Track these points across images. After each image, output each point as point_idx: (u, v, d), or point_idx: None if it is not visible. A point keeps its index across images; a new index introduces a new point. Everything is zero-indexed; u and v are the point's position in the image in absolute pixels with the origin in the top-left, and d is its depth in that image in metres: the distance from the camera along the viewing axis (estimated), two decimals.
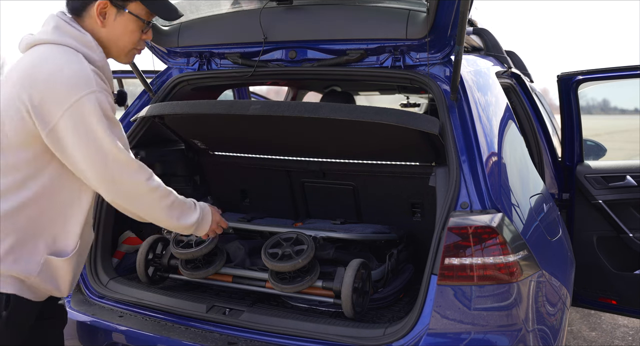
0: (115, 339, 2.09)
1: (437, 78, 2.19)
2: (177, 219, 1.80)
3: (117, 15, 1.74)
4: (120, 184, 1.65)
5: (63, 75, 1.56)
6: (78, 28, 1.69)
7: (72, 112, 1.55)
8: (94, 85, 1.58)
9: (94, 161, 1.59)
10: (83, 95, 1.56)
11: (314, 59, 2.39)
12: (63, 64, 1.59)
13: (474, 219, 1.83)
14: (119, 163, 1.63)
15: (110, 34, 1.75)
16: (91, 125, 1.57)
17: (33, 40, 1.69)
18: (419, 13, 2.21)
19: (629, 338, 3.95)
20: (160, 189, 1.73)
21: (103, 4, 1.71)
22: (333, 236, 2.37)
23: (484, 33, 3.10)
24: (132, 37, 1.78)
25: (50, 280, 1.69)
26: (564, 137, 3.27)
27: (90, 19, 1.73)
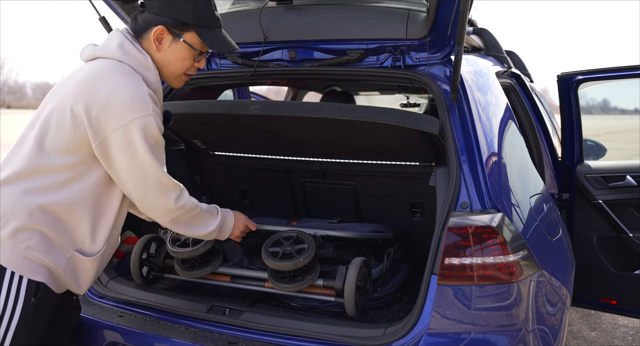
0: (115, 339, 2.09)
1: (437, 78, 2.19)
2: (197, 229, 1.94)
3: (172, 42, 1.84)
4: (151, 200, 1.79)
5: (124, 95, 1.67)
6: (140, 49, 1.81)
7: (124, 130, 1.67)
8: (149, 108, 1.70)
9: (135, 178, 1.73)
10: (138, 117, 1.67)
11: (314, 59, 2.39)
12: (125, 83, 1.69)
13: (474, 219, 1.83)
14: (156, 183, 1.76)
15: (163, 59, 1.85)
16: (139, 146, 1.69)
17: (96, 52, 1.79)
18: (419, 13, 2.22)
19: (629, 338, 3.95)
20: (185, 207, 1.84)
21: (161, 30, 1.81)
22: (332, 235, 2.37)
23: (484, 33, 3.10)
24: (183, 64, 1.89)
25: (73, 276, 1.80)
26: (564, 137, 3.27)
27: (148, 41, 1.84)
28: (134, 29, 1.86)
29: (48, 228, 1.71)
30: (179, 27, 1.82)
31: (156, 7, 1.81)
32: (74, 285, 1.83)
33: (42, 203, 1.69)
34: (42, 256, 1.70)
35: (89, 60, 1.80)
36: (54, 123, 1.71)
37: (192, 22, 1.82)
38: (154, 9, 1.82)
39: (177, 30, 1.82)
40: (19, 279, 1.68)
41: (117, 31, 1.84)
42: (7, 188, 1.70)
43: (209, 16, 1.86)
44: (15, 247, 1.67)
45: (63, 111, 1.70)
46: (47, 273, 1.72)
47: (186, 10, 1.80)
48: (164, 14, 1.81)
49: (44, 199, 1.70)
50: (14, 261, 1.67)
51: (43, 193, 1.70)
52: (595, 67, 3.16)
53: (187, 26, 1.83)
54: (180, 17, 1.81)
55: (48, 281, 1.73)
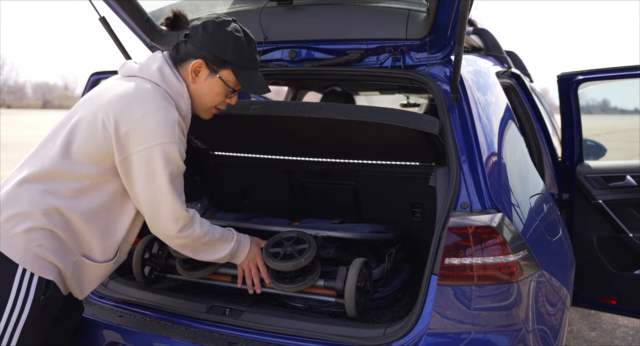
0: (115, 339, 2.09)
1: (437, 78, 2.19)
2: (205, 254, 1.98)
3: (208, 77, 1.89)
4: (159, 226, 1.83)
5: (155, 119, 1.72)
6: (178, 77, 1.87)
7: (149, 152, 1.72)
8: (175, 135, 1.75)
9: (149, 198, 1.77)
10: (164, 142, 1.72)
11: (314, 59, 2.39)
12: (158, 107, 1.74)
13: (474, 219, 1.83)
14: (167, 210, 1.79)
15: (197, 91, 1.91)
16: (159, 170, 1.73)
17: (135, 71, 1.84)
18: (419, 13, 2.22)
19: (629, 338, 3.95)
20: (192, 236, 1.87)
21: (199, 63, 1.86)
22: (333, 235, 2.37)
23: (484, 33, 3.10)
24: (215, 98, 1.94)
25: (78, 279, 1.84)
26: (564, 137, 3.27)
27: (185, 71, 1.89)
28: (174, 57, 1.91)
29: (60, 231, 1.74)
30: (217, 63, 1.87)
31: (199, 41, 1.86)
32: (76, 289, 1.86)
33: (58, 206, 1.73)
34: (52, 256, 1.73)
35: (127, 76, 1.85)
36: (82, 131, 1.75)
37: (231, 61, 1.87)
38: (197, 42, 1.87)
39: (215, 66, 1.88)
40: (30, 276, 1.70)
41: (158, 54, 1.90)
42: (26, 187, 1.74)
43: (249, 58, 1.91)
44: (29, 245, 1.70)
45: (94, 121, 1.74)
46: (57, 272, 1.76)
47: (227, 48, 1.86)
48: (205, 48, 1.86)
49: (61, 202, 1.73)
50: (26, 259, 1.70)
51: (60, 196, 1.73)
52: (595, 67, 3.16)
53: (225, 64, 1.87)
54: (220, 54, 1.86)
55: (57, 280, 1.76)
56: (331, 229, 2.42)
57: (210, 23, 1.87)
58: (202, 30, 1.87)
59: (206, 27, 1.86)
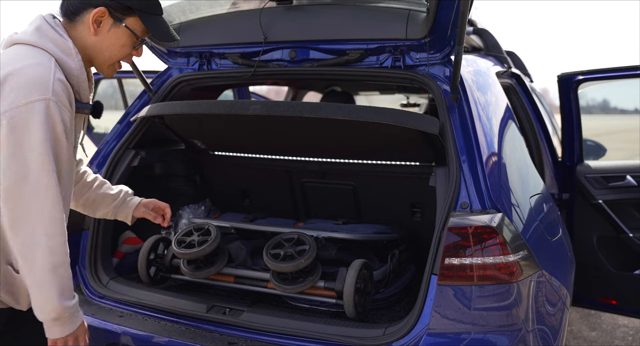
0: (115, 339, 2.09)
1: (437, 78, 2.19)
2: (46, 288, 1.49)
3: (112, 26, 1.67)
4: (21, 208, 1.45)
5: (21, 77, 1.47)
6: (61, 32, 1.62)
7: (13, 114, 1.44)
8: (49, 93, 1.47)
9: (11, 173, 1.45)
10: (33, 100, 1.45)
11: (314, 59, 2.39)
12: (28, 65, 1.50)
13: (474, 219, 1.83)
14: (36, 184, 1.45)
15: (100, 43, 1.68)
16: (27, 134, 1.44)
17: (12, 39, 1.62)
18: (419, 13, 2.22)
19: (629, 338, 3.95)
20: (56, 239, 1.48)
21: (101, 12, 1.64)
22: (335, 236, 2.37)
23: (484, 33, 3.10)
24: (121, 51, 1.71)
25: (9, 291, 1.60)
26: (564, 137, 3.27)
27: (83, 25, 1.66)
28: (66, 10, 1.66)
29: None
30: (122, 10, 1.66)
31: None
32: (12, 302, 1.62)
33: None
34: None
35: (7, 48, 1.61)
36: None
37: (137, 7, 1.67)
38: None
39: (120, 14, 1.66)
40: None
41: (38, 16, 1.66)
42: None
43: (154, 2, 1.73)
44: None
45: None
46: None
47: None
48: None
49: None
50: None
51: None
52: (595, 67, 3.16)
53: (131, 10, 1.67)
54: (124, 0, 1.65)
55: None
56: (333, 230, 2.42)
57: None
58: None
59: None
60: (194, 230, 2.36)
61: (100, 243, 2.39)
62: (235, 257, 2.45)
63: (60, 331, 1.54)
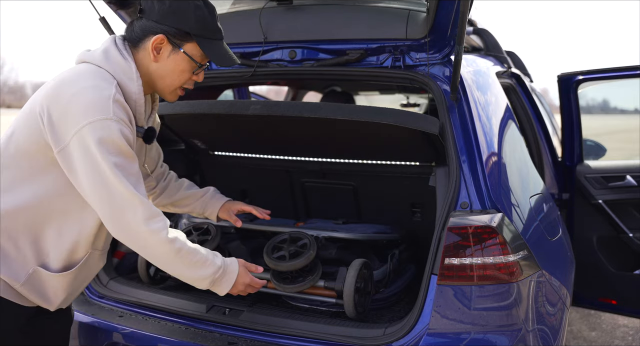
0: (115, 339, 2.09)
1: (437, 78, 2.19)
2: (183, 269, 1.69)
3: (171, 53, 1.71)
4: (119, 222, 1.58)
5: (84, 97, 1.54)
6: (125, 55, 1.68)
7: (81, 134, 1.51)
8: (110, 112, 1.54)
9: (98, 194, 1.55)
10: (95, 120, 1.52)
11: (314, 59, 2.39)
12: (90, 86, 1.56)
13: (474, 219, 1.83)
14: (122, 200, 1.55)
15: (161, 70, 1.73)
16: (96, 154, 1.52)
17: (83, 57, 1.69)
18: (419, 13, 2.22)
19: (629, 338, 3.95)
20: (161, 234, 1.60)
21: (160, 39, 1.68)
22: (335, 236, 2.37)
23: (484, 33, 3.10)
24: (181, 76, 1.76)
25: (37, 292, 1.66)
26: (564, 137, 3.27)
27: (145, 51, 1.71)
28: (130, 36, 1.73)
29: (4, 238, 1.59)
30: (180, 36, 1.69)
31: (157, 14, 1.68)
32: (41, 301, 1.68)
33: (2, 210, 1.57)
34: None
35: (77, 64, 1.70)
36: (21, 124, 1.61)
37: (195, 33, 1.70)
38: (154, 16, 1.69)
39: (178, 40, 1.70)
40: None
41: (109, 38, 1.73)
42: None
43: (212, 27, 1.74)
44: None
45: (30, 116, 1.59)
46: (4, 285, 1.60)
47: (189, 19, 1.68)
48: (165, 22, 1.68)
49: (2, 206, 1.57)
50: None
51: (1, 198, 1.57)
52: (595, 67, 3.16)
53: (189, 36, 1.70)
54: (182, 26, 1.68)
55: (7, 294, 1.60)
56: (333, 229, 2.41)
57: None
58: (158, 2, 1.68)
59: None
60: (193, 230, 2.36)
61: None
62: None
63: (223, 290, 1.80)
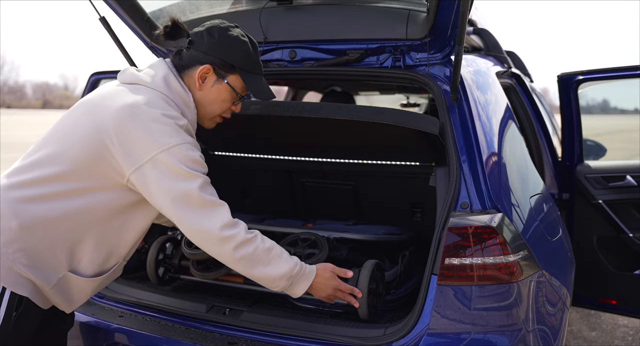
0: (116, 339, 2.09)
1: (437, 78, 2.19)
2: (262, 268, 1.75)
3: (215, 83, 1.83)
4: (197, 226, 1.67)
5: (164, 121, 1.64)
6: (184, 86, 1.80)
7: (162, 156, 1.62)
8: (187, 138, 1.67)
9: (178, 203, 1.65)
10: (176, 144, 1.63)
11: (314, 59, 2.39)
12: (165, 111, 1.67)
13: (474, 219, 1.83)
14: (200, 207, 1.66)
15: (203, 98, 1.85)
16: (177, 172, 1.63)
17: (138, 79, 1.75)
18: (419, 13, 2.22)
19: (629, 338, 3.95)
20: (236, 239, 1.70)
21: (207, 69, 1.80)
22: (347, 237, 2.36)
23: (484, 33, 3.10)
24: (222, 105, 1.88)
25: (63, 295, 1.73)
26: (564, 137, 3.27)
27: (190, 79, 1.82)
28: (177, 64, 1.84)
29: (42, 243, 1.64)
30: (225, 68, 1.82)
31: (205, 46, 1.81)
32: (62, 304, 1.75)
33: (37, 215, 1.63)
34: (28, 271, 1.63)
35: (129, 83, 1.76)
36: (84, 140, 1.65)
37: (239, 66, 1.82)
38: (202, 48, 1.81)
39: (223, 72, 1.83)
40: (2, 290, 1.61)
41: (162, 62, 1.83)
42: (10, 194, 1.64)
43: (255, 62, 1.87)
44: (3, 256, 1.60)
45: (97, 131, 1.64)
46: (32, 288, 1.65)
47: (235, 53, 1.81)
48: (212, 53, 1.80)
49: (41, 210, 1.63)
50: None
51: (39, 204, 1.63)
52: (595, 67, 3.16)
53: (233, 69, 1.83)
54: (227, 58, 1.81)
55: (32, 296, 1.65)
56: (344, 231, 2.41)
57: (216, 28, 1.82)
58: (207, 35, 1.81)
59: (212, 32, 1.81)
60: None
61: None
62: None
63: (299, 290, 1.83)
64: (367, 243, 2.41)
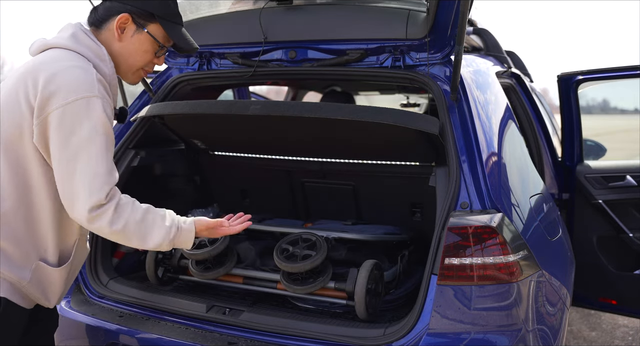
0: (115, 339, 2.09)
1: (437, 78, 2.19)
2: (132, 242, 1.66)
3: (135, 33, 1.76)
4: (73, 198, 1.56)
5: (67, 76, 1.57)
6: (94, 40, 1.72)
7: (67, 108, 1.53)
8: (96, 91, 1.58)
9: (65, 164, 1.55)
10: (84, 96, 1.55)
11: (314, 59, 2.39)
12: (71, 66, 1.60)
13: (474, 219, 1.83)
14: (83, 174, 1.55)
15: (124, 49, 1.77)
16: (80, 126, 1.54)
17: (46, 43, 1.70)
18: (419, 13, 2.22)
19: (629, 338, 3.95)
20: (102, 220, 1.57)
21: (125, 18, 1.73)
22: (346, 237, 2.36)
23: (484, 33, 3.10)
24: (143, 57, 1.80)
25: (41, 288, 1.68)
26: (564, 137, 3.27)
27: (108, 31, 1.75)
28: (93, 19, 1.76)
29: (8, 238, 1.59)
30: (145, 17, 1.75)
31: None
32: (42, 299, 1.70)
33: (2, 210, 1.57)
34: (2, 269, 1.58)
35: (39, 52, 1.70)
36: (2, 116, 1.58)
37: (159, 14, 1.75)
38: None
39: (142, 20, 1.75)
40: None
41: (69, 24, 1.75)
42: None
43: (174, 12, 1.81)
44: None
45: (10, 102, 1.58)
46: (9, 286, 1.60)
47: (153, 1, 1.75)
48: (129, 2, 1.73)
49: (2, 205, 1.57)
50: None
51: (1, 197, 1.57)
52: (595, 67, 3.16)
53: (153, 17, 1.75)
54: (147, 6, 1.74)
55: (10, 295, 1.60)
56: (343, 231, 2.41)
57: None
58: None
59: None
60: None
61: (100, 243, 2.39)
62: (244, 258, 2.44)
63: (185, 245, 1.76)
64: (365, 243, 2.41)
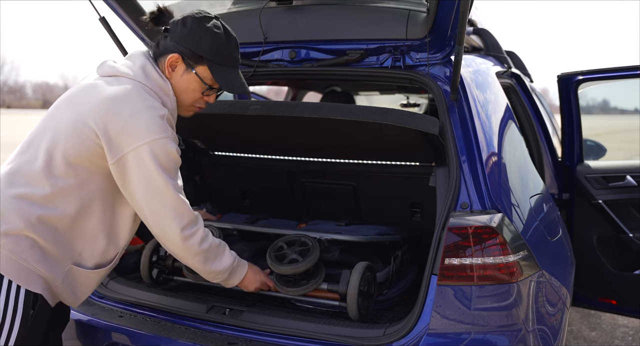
0: (115, 339, 2.09)
1: (437, 78, 2.19)
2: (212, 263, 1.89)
3: (184, 72, 1.85)
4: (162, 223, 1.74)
5: (145, 116, 1.68)
6: (161, 74, 1.83)
7: (142, 150, 1.66)
8: (168, 132, 1.72)
9: (148, 198, 1.71)
10: (157, 138, 1.68)
11: (314, 59, 2.39)
12: (147, 106, 1.71)
13: (474, 219, 1.83)
14: (169, 205, 1.72)
15: (174, 87, 1.87)
16: (156, 166, 1.68)
17: (116, 70, 1.78)
18: (419, 13, 2.22)
19: (629, 338, 3.95)
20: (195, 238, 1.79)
21: (175, 57, 1.83)
22: (338, 238, 2.36)
23: (484, 33, 3.10)
24: (192, 95, 1.89)
25: (71, 290, 1.78)
26: (564, 137, 3.27)
27: (163, 67, 1.85)
28: (154, 52, 1.87)
29: (49, 241, 1.68)
30: (193, 58, 1.83)
31: (177, 35, 1.83)
32: (70, 299, 1.80)
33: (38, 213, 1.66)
34: (40, 266, 1.67)
35: (108, 76, 1.79)
36: (69, 134, 1.69)
37: (207, 57, 1.83)
38: (175, 37, 1.83)
39: (191, 62, 1.84)
40: (17, 289, 1.63)
41: (139, 52, 1.86)
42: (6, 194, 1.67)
43: (227, 55, 1.87)
44: (12, 254, 1.63)
45: (82, 126, 1.68)
46: (45, 285, 1.69)
47: (204, 44, 1.82)
48: (183, 43, 1.82)
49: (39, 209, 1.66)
50: (10, 269, 1.63)
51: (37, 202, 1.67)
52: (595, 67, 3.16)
53: (201, 59, 1.84)
54: (195, 49, 1.82)
55: (45, 293, 1.69)
56: (336, 232, 2.41)
57: (190, 18, 1.83)
58: (181, 24, 1.83)
59: (185, 22, 1.83)
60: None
61: None
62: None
63: (234, 281, 2.02)
64: (359, 244, 2.41)
